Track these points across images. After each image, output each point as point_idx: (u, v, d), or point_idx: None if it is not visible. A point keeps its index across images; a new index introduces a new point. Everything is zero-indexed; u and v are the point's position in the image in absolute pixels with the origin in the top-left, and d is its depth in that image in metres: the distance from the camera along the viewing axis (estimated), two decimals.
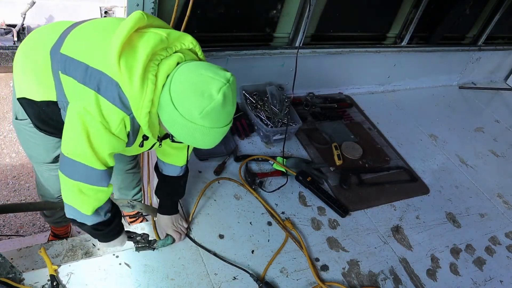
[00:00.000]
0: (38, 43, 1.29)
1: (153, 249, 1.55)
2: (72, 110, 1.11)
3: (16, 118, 1.44)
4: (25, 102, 1.33)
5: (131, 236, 1.51)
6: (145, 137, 1.27)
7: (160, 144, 1.34)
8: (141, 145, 1.30)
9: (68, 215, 1.26)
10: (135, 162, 1.95)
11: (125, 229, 1.47)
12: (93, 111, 1.07)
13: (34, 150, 1.54)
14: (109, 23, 1.21)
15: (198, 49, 1.20)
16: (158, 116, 1.15)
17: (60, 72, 1.15)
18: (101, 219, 1.28)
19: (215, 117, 1.05)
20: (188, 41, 1.16)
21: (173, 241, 1.59)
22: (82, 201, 1.20)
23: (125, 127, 1.13)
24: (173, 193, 1.61)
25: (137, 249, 1.53)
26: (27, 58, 1.31)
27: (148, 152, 1.95)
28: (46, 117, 1.34)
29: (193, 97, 1.02)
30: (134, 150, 1.33)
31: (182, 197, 1.66)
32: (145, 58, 1.04)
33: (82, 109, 1.08)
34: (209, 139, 1.10)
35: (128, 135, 1.18)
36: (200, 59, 1.21)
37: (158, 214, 1.61)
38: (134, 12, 1.08)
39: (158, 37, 1.08)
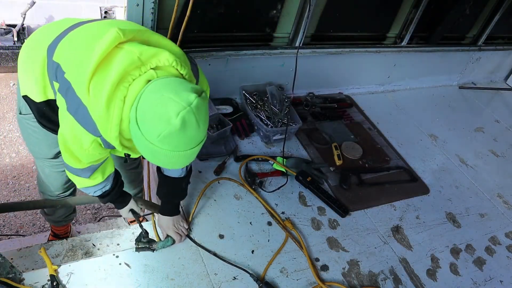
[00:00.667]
0: (37, 45, 1.31)
1: (153, 250, 1.55)
2: (61, 112, 1.18)
3: (20, 113, 1.46)
4: (28, 100, 1.36)
5: (136, 213, 1.60)
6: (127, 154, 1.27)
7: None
8: (127, 156, 1.29)
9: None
10: (138, 161, 1.96)
11: (131, 208, 1.58)
12: (70, 126, 1.15)
13: (36, 145, 1.56)
14: (98, 32, 1.18)
15: (176, 64, 1.10)
16: None
17: (53, 81, 1.19)
18: (88, 193, 1.43)
19: (174, 141, 0.99)
20: (164, 58, 1.08)
21: (173, 242, 1.59)
22: (72, 179, 1.36)
23: (98, 145, 1.18)
24: (174, 195, 1.60)
25: (137, 249, 1.54)
26: (28, 58, 1.33)
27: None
28: (48, 114, 1.36)
29: (151, 120, 0.98)
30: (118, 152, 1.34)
31: (184, 199, 1.66)
32: (111, 85, 1.02)
33: (63, 118, 1.16)
34: (172, 161, 1.06)
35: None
36: (182, 74, 1.13)
37: (159, 215, 1.61)
38: (110, 31, 1.04)
39: (129, 58, 1.04)
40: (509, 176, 2.61)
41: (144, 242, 1.54)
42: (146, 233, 1.55)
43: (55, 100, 1.24)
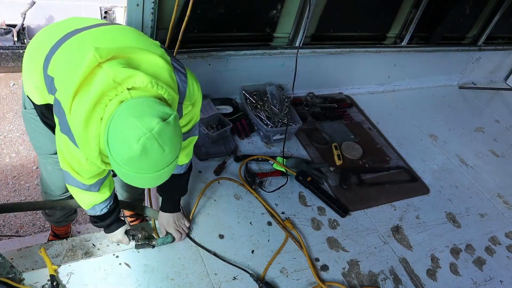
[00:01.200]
0: (39, 49, 1.31)
1: (153, 246, 1.55)
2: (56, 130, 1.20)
3: (25, 108, 1.48)
4: (30, 99, 1.38)
5: (132, 234, 1.53)
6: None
7: None
8: (114, 175, 1.37)
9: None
10: None
11: (127, 228, 1.54)
12: (65, 143, 1.17)
13: (40, 141, 1.57)
14: (87, 48, 1.14)
15: (152, 86, 1.07)
16: None
17: (49, 94, 1.21)
18: (94, 213, 1.42)
19: (136, 165, 1.00)
20: (139, 81, 1.06)
21: (173, 239, 1.59)
22: (79, 199, 1.38)
23: (90, 163, 1.20)
24: (175, 191, 1.61)
25: (137, 246, 1.53)
26: (30, 60, 1.35)
27: None
28: (48, 116, 1.38)
29: (117, 143, 1.00)
30: None
31: (184, 195, 1.66)
32: (88, 107, 1.03)
33: (58, 133, 1.18)
34: (141, 182, 1.07)
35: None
36: (161, 94, 1.11)
37: (159, 212, 1.62)
38: (89, 54, 1.05)
39: (104, 80, 1.04)
40: (509, 176, 2.61)
41: (143, 239, 1.54)
42: (147, 233, 1.56)
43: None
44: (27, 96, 1.39)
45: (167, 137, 1.00)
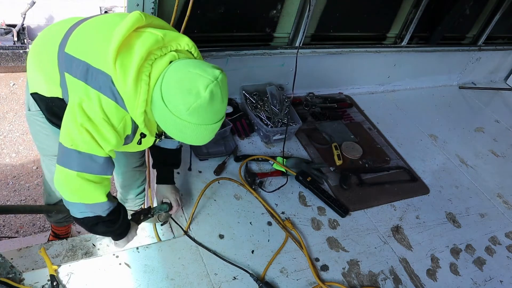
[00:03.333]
0: (47, 42, 1.32)
1: (152, 214, 1.57)
2: (73, 103, 1.14)
3: (29, 110, 1.48)
4: (37, 97, 1.37)
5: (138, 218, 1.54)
6: (143, 135, 1.29)
7: (160, 140, 1.37)
8: (139, 143, 1.32)
9: (79, 215, 1.25)
10: (143, 159, 1.96)
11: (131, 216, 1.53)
12: (95, 107, 1.11)
13: (45, 142, 1.56)
14: (111, 21, 1.23)
15: (194, 50, 1.21)
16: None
17: (65, 73, 1.18)
18: (98, 211, 1.25)
19: (202, 114, 1.06)
20: (184, 43, 1.17)
21: (169, 208, 1.61)
22: (93, 188, 1.20)
23: (126, 125, 1.17)
24: (170, 163, 1.67)
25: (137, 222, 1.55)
26: (37, 55, 1.35)
27: (148, 154, 1.96)
28: (57, 111, 1.37)
29: (180, 94, 1.05)
30: (132, 147, 1.36)
31: (178, 168, 1.72)
32: (139, 60, 1.07)
33: (84, 100, 1.12)
34: (198, 136, 1.13)
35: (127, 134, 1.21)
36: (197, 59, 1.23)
37: (156, 185, 1.65)
38: (133, 13, 1.10)
39: (154, 37, 1.10)
40: (509, 176, 2.61)
41: (138, 214, 1.54)
42: (146, 210, 1.58)
43: (62, 100, 1.25)
44: (33, 96, 1.38)
45: (225, 87, 1.11)
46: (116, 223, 1.33)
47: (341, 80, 2.84)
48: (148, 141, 1.38)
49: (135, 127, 1.22)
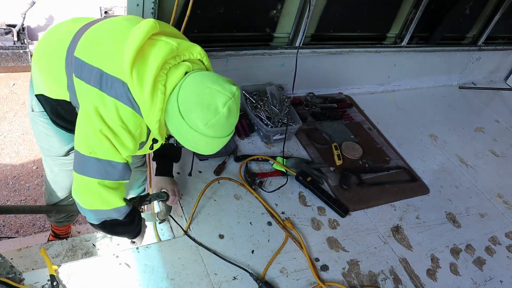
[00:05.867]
0: (54, 44, 1.32)
1: (149, 201, 1.57)
2: (88, 109, 1.14)
3: (33, 110, 1.48)
4: (42, 99, 1.37)
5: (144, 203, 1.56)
6: (155, 140, 1.32)
7: (168, 142, 1.39)
8: (151, 148, 1.36)
9: (97, 222, 1.28)
10: (144, 159, 1.97)
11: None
12: (113, 114, 1.12)
13: (48, 143, 1.56)
14: (122, 27, 1.22)
15: (205, 60, 1.24)
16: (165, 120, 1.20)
17: (74, 75, 1.19)
18: (118, 215, 1.28)
19: (219, 128, 1.10)
20: (197, 52, 1.20)
21: (167, 198, 1.61)
22: (113, 195, 1.23)
23: (142, 131, 1.19)
24: (170, 157, 1.70)
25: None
26: (44, 56, 1.35)
27: (149, 155, 1.97)
28: (63, 113, 1.38)
29: (199, 109, 1.07)
30: (144, 151, 1.39)
31: (178, 162, 1.75)
32: (156, 70, 1.08)
33: (100, 107, 1.12)
34: (211, 147, 1.17)
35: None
36: (206, 69, 1.26)
37: (155, 178, 1.68)
38: (147, 20, 1.11)
39: (168, 47, 1.12)
40: (509, 176, 2.61)
41: (136, 201, 1.54)
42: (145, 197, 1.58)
43: (69, 103, 1.27)
44: (38, 97, 1.38)
45: (239, 103, 1.15)
46: (132, 224, 1.37)
47: (341, 80, 2.84)
48: (158, 145, 1.39)
49: (148, 132, 1.24)
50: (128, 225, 1.36)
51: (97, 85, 1.13)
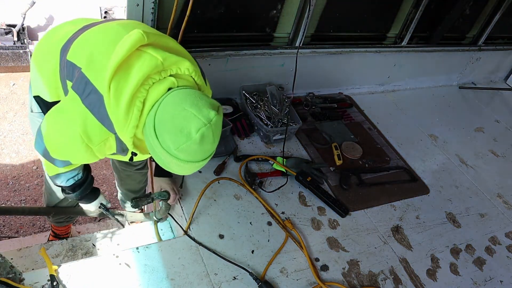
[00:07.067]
0: (51, 45, 1.32)
1: (152, 199, 1.59)
2: (60, 105, 1.16)
3: (32, 111, 1.49)
4: (39, 100, 1.38)
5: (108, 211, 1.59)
6: (134, 153, 1.29)
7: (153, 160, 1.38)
8: (131, 160, 1.33)
9: (66, 183, 1.38)
10: (145, 161, 1.97)
11: (101, 202, 1.57)
12: (77, 120, 1.11)
13: None
14: (114, 33, 1.20)
15: (195, 75, 1.17)
16: None
17: (67, 80, 1.19)
18: (60, 182, 1.38)
19: (191, 153, 1.05)
20: (185, 67, 1.13)
21: (169, 197, 1.63)
22: (45, 165, 1.33)
23: (107, 145, 1.16)
24: None
25: (135, 205, 1.56)
26: (41, 58, 1.35)
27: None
28: None
29: (172, 131, 1.02)
30: (124, 159, 1.37)
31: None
32: (135, 86, 1.04)
33: (67, 109, 1.14)
34: (183, 170, 1.13)
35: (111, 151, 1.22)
36: (197, 84, 1.20)
37: (155, 178, 1.68)
38: (134, 32, 1.06)
39: (153, 62, 1.07)
40: (509, 176, 2.61)
41: (139, 199, 1.56)
42: (118, 220, 1.60)
43: None
44: (35, 98, 1.38)
45: (218, 128, 1.08)
46: (78, 187, 1.42)
47: (341, 80, 2.84)
48: (142, 157, 1.37)
49: (125, 145, 1.20)
50: (68, 191, 1.42)
51: (81, 90, 1.12)
